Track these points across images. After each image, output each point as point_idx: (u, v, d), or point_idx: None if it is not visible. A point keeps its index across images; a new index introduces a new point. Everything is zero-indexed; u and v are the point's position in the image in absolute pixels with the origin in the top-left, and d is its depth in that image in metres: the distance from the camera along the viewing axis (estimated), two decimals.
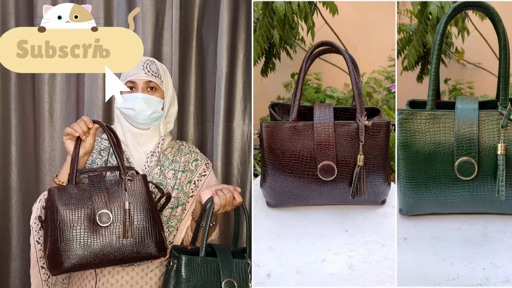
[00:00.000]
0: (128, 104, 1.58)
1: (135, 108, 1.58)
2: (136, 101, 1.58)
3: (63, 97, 2.00)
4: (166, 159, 1.66)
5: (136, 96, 1.58)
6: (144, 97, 1.59)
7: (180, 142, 1.75)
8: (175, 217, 1.63)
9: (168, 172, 1.65)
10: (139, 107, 1.58)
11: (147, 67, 1.61)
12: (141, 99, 1.58)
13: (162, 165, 1.65)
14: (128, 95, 1.59)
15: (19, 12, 1.98)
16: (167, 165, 1.65)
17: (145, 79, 1.59)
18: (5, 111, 1.98)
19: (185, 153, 1.71)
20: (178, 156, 1.69)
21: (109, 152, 1.63)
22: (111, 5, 2.00)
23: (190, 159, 1.71)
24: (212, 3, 2.04)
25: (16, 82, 1.97)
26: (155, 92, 1.62)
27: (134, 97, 1.58)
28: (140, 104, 1.58)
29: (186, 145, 1.75)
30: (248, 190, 2.03)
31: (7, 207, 2.00)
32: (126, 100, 1.59)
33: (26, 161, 2.02)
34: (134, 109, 1.58)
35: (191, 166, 1.70)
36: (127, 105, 1.58)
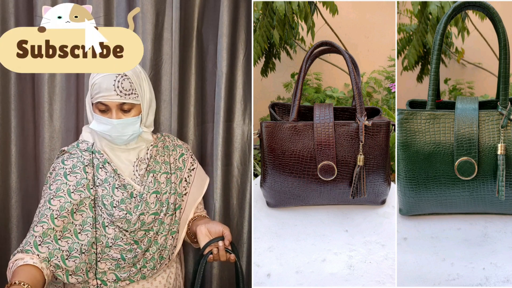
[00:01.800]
0: (103, 129, 1.50)
1: (111, 135, 1.50)
2: (111, 127, 1.49)
3: (63, 97, 2.00)
4: (156, 163, 1.60)
5: (111, 122, 1.48)
6: (119, 123, 1.48)
7: (162, 137, 1.67)
8: (175, 221, 1.61)
9: (161, 177, 1.59)
10: (115, 133, 1.50)
11: (119, 87, 1.47)
12: (116, 126, 1.49)
13: (154, 171, 1.58)
14: (101, 118, 1.49)
15: (19, 12, 1.98)
16: (158, 170, 1.59)
17: (117, 102, 1.48)
18: (5, 111, 1.97)
19: (171, 150, 1.66)
20: (166, 155, 1.63)
21: (93, 166, 1.54)
22: (111, 5, 1.99)
23: (177, 156, 1.66)
24: (212, 3, 2.04)
25: (16, 82, 1.97)
26: (129, 113, 1.51)
27: (109, 123, 1.49)
28: (116, 131, 1.49)
29: (169, 140, 1.68)
30: (248, 190, 2.03)
31: (7, 207, 1.99)
32: (100, 123, 1.50)
33: (26, 161, 2.02)
34: (110, 135, 1.50)
35: (179, 163, 1.65)
36: (101, 129, 1.50)
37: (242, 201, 2.04)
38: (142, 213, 1.53)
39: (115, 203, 1.51)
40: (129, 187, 1.53)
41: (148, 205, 1.54)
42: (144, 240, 1.54)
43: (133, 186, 1.54)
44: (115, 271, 1.52)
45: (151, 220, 1.54)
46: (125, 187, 1.53)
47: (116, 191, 1.52)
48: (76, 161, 1.54)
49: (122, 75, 1.49)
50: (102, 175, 1.53)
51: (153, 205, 1.55)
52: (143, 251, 1.54)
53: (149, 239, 1.54)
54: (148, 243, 1.55)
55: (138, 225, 1.53)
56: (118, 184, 1.53)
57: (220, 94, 1.97)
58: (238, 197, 2.04)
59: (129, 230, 1.52)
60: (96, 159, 1.54)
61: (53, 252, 1.42)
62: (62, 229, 1.47)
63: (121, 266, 1.52)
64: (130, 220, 1.51)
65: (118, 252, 1.51)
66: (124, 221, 1.51)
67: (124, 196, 1.52)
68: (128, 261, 1.52)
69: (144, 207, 1.53)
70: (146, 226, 1.54)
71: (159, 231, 1.57)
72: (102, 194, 1.51)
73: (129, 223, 1.51)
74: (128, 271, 1.53)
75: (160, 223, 1.56)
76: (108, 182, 1.52)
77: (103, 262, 1.50)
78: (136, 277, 1.54)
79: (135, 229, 1.52)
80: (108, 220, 1.50)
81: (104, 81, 1.48)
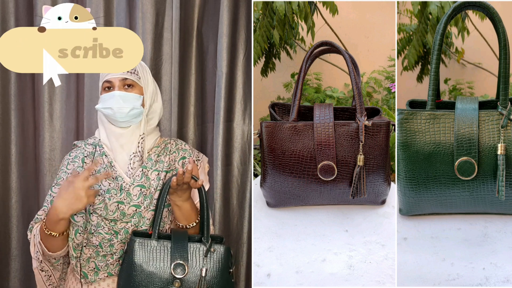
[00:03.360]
0: (106, 104, 1.56)
1: (112, 107, 1.55)
2: (113, 99, 1.55)
3: (63, 97, 2.00)
4: (149, 159, 1.62)
5: (113, 95, 1.55)
6: (121, 95, 1.56)
7: (168, 140, 1.70)
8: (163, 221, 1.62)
9: (151, 173, 1.61)
10: (116, 105, 1.55)
11: None
12: (118, 97, 1.55)
13: (145, 167, 1.61)
14: (105, 95, 1.57)
15: (19, 12, 1.98)
16: (150, 166, 1.62)
17: (120, 77, 1.56)
18: (5, 111, 1.97)
19: (171, 152, 1.67)
20: (163, 155, 1.65)
21: (92, 159, 1.61)
22: (111, 5, 1.99)
23: (177, 158, 1.67)
24: (212, 3, 2.04)
25: (16, 82, 1.97)
26: (132, 89, 1.58)
27: (111, 96, 1.56)
28: (117, 102, 1.55)
29: (173, 143, 1.70)
30: (248, 190, 2.03)
31: (7, 207, 1.99)
32: (103, 100, 1.57)
33: (26, 161, 2.02)
34: (112, 108, 1.55)
35: (177, 164, 1.66)
36: (105, 105, 1.56)
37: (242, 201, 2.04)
38: (121, 201, 1.56)
39: (100, 192, 1.56)
40: (120, 179, 1.58)
41: (130, 196, 1.56)
42: (122, 231, 1.56)
43: (124, 178, 1.58)
44: (95, 260, 1.57)
45: (131, 212, 1.57)
46: (116, 179, 1.58)
47: (104, 181, 1.57)
48: (78, 152, 1.64)
49: None
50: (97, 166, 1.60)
51: (136, 197, 1.57)
52: (121, 241, 1.56)
53: (126, 230, 1.56)
54: (125, 234, 1.56)
55: (118, 215, 1.55)
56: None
57: (220, 94, 1.97)
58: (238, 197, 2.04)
59: (108, 218, 1.55)
60: (97, 152, 1.62)
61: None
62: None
63: (100, 254, 1.56)
64: (107, 205, 1.55)
65: (98, 239, 1.56)
66: (102, 206, 1.55)
67: (111, 186, 1.57)
68: (106, 249, 1.55)
69: (124, 196, 1.56)
70: (127, 218, 1.57)
71: (139, 225, 1.57)
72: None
73: (107, 210, 1.55)
74: (106, 260, 1.56)
75: (140, 216, 1.57)
76: (100, 173, 1.58)
77: (88, 248, 1.57)
78: (115, 269, 1.56)
79: (115, 218, 1.55)
80: (92, 207, 1.56)
81: None
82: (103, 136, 1.62)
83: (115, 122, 1.58)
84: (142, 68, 1.62)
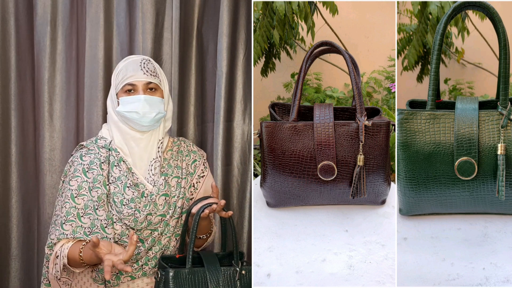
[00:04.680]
0: (130, 108, 1.52)
1: (139, 111, 1.51)
2: (139, 103, 1.52)
3: (63, 97, 2.00)
4: (169, 166, 1.61)
5: (138, 99, 1.52)
6: (147, 99, 1.52)
7: (178, 142, 1.69)
8: (181, 225, 1.62)
9: (172, 180, 1.61)
10: (142, 109, 1.52)
11: (145, 67, 1.55)
12: (144, 101, 1.52)
13: (166, 174, 1.59)
14: (128, 98, 1.53)
15: (19, 12, 1.98)
16: (170, 173, 1.61)
17: (145, 81, 1.53)
18: (5, 111, 1.97)
19: (185, 155, 1.67)
20: (179, 160, 1.64)
21: (109, 163, 1.57)
22: (111, 5, 1.99)
23: (189, 161, 1.67)
24: (212, 3, 2.04)
25: (16, 82, 1.97)
26: (155, 92, 1.56)
27: (136, 100, 1.52)
28: (144, 107, 1.52)
29: (184, 145, 1.69)
30: (248, 190, 2.03)
31: (7, 207, 1.99)
32: (126, 103, 1.53)
33: (26, 161, 2.02)
34: (138, 112, 1.52)
35: (191, 168, 1.67)
36: (129, 108, 1.52)
37: (242, 201, 2.04)
38: (149, 213, 1.55)
39: (125, 201, 1.53)
40: (142, 186, 1.56)
41: (156, 206, 1.56)
42: (149, 240, 1.56)
43: (146, 185, 1.57)
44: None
45: (157, 221, 1.57)
46: (137, 186, 1.56)
47: (127, 189, 1.54)
48: (93, 157, 1.57)
49: (146, 58, 1.59)
50: (116, 173, 1.56)
51: (161, 207, 1.57)
52: (146, 249, 1.56)
53: (153, 239, 1.57)
54: (152, 243, 1.57)
55: (145, 224, 1.55)
56: (130, 183, 1.55)
57: (220, 94, 1.97)
58: (238, 197, 2.04)
59: (135, 228, 1.54)
60: (112, 157, 1.57)
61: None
62: (90, 225, 1.51)
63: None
64: (138, 218, 1.53)
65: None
66: (132, 219, 1.53)
67: (134, 195, 1.54)
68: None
69: (152, 207, 1.55)
70: (153, 226, 1.57)
71: (164, 232, 1.59)
72: (113, 192, 1.54)
73: (136, 222, 1.54)
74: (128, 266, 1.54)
75: (166, 225, 1.59)
76: (121, 180, 1.55)
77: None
78: (138, 274, 1.56)
79: (142, 227, 1.55)
80: (116, 216, 1.53)
81: (129, 65, 1.56)
82: (117, 139, 1.58)
83: (137, 126, 1.55)
84: (160, 71, 1.60)
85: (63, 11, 1.98)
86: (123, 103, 1.54)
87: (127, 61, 1.58)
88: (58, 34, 1.98)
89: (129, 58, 1.59)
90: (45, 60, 1.98)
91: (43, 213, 2.00)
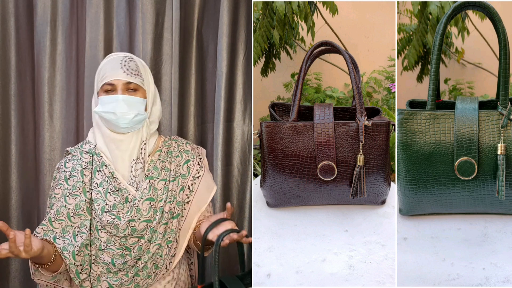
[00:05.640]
0: (107, 108, 1.45)
1: (116, 112, 1.44)
2: (116, 103, 1.44)
3: (63, 97, 2.00)
4: (155, 169, 1.53)
5: (116, 98, 1.44)
6: (125, 99, 1.45)
7: (169, 141, 1.61)
8: (172, 230, 1.54)
9: (158, 183, 1.52)
10: (120, 110, 1.44)
11: (125, 65, 1.47)
12: (122, 101, 1.44)
13: (151, 177, 1.52)
14: (106, 97, 1.46)
15: (19, 12, 1.98)
16: (156, 176, 1.52)
17: (124, 80, 1.45)
18: (5, 111, 1.97)
19: (175, 156, 1.58)
20: (167, 162, 1.56)
21: (92, 169, 1.51)
22: (111, 5, 1.99)
23: (181, 162, 1.59)
24: (212, 3, 2.04)
25: (16, 82, 1.97)
26: (136, 92, 1.48)
27: (114, 100, 1.44)
28: (122, 107, 1.44)
29: (175, 144, 1.61)
30: (248, 190, 2.03)
31: (7, 208, 2.00)
32: (104, 103, 1.45)
33: (26, 161, 2.02)
34: (115, 113, 1.44)
35: (182, 170, 1.58)
36: (106, 108, 1.45)
37: (242, 201, 2.04)
38: (132, 219, 1.48)
39: (106, 207, 1.49)
40: (125, 190, 1.50)
41: (139, 211, 1.49)
42: (135, 248, 1.50)
43: (129, 190, 1.50)
44: (107, 278, 1.49)
45: (142, 228, 1.50)
46: (120, 191, 1.50)
47: (109, 195, 1.49)
48: (75, 164, 1.53)
49: (128, 56, 1.51)
50: (98, 179, 1.51)
51: (146, 212, 1.49)
52: (134, 258, 1.50)
53: (139, 247, 1.50)
54: (139, 251, 1.50)
55: (129, 231, 1.49)
56: (112, 188, 1.50)
57: (220, 94, 1.97)
58: (238, 197, 2.04)
59: (119, 236, 1.48)
60: (95, 162, 1.52)
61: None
62: (61, 231, 1.49)
63: (112, 271, 1.49)
64: (118, 225, 1.47)
65: (110, 256, 1.49)
66: (112, 226, 1.48)
67: (116, 201, 1.49)
68: (118, 266, 1.49)
69: (134, 213, 1.48)
70: (138, 234, 1.50)
71: (152, 240, 1.52)
72: (95, 198, 1.49)
73: (118, 229, 1.48)
74: (119, 278, 1.50)
75: (153, 232, 1.51)
76: (103, 186, 1.50)
77: (96, 265, 1.49)
78: (130, 286, 1.51)
79: (125, 235, 1.49)
80: (100, 224, 1.49)
81: (109, 63, 1.49)
82: (99, 142, 1.52)
83: (115, 127, 1.48)
84: (144, 69, 1.53)
85: (63, 11, 1.98)
86: (102, 102, 1.47)
87: (108, 58, 1.51)
88: (58, 34, 1.98)
89: (110, 56, 1.52)
90: (45, 60, 1.98)
91: (43, 213, 2.00)
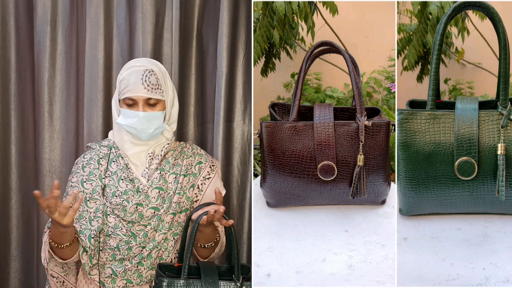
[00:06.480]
0: (129, 122, 1.55)
1: (137, 128, 1.55)
2: (137, 119, 1.54)
3: (63, 97, 2.00)
4: (166, 162, 1.62)
5: (137, 115, 1.54)
6: (145, 116, 1.54)
7: (184, 144, 1.71)
8: (179, 224, 1.62)
9: (169, 176, 1.61)
10: (141, 126, 1.55)
11: (146, 81, 1.55)
12: (143, 118, 1.54)
13: (162, 169, 1.61)
14: (128, 111, 1.55)
15: (19, 12, 1.98)
16: (167, 169, 1.62)
17: (145, 97, 1.54)
18: (5, 111, 1.97)
19: (187, 156, 1.67)
20: (179, 159, 1.65)
21: (108, 160, 1.61)
22: (111, 5, 1.99)
23: (193, 162, 1.67)
24: (212, 3, 2.04)
25: (16, 82, 1.97)
26: (156, 107, 1.57)
27: (135, 115, 1.54)
28: (142, 124, 1.54)
29: (189, 147, 1.70)
30: (248, 190, 2.03)
31: (7, 208, 1.99)
32: (126, 116, 1.56)
33: (25, 162, 2.01)
34: (136, 128, 1.55)
35: (194, 169, 1.66)
36: (128, 122, 1.55)
37: (242, 201, 2.04)
38: (140, 203, 1.55)
39: (117, 193, 1.56)
40: (137, 181, 1.58)
41: (148, 198, 1.56)
42: (140, 234, 1.56)
43: (140, 180, 1.58)
44: (112, 265, 1.55)
45: (150, 215, 1.57)
46: (132, 181, 1.58)
47: (121, 182, 1.57)
48: (94, 154, 1.63)
49: (149, 70, 1.56)
50: (113, 168, 1.59)
51: (154, 200, 1.57)
52: (139, 245, 1.55)
53: (145, 233, 1.56)
54: (144, 237, 1.56)
55: (136, 216, 1.55)
56: (125, 176, 1.58)
57: (220, 94, 1.97)
58: (238, 197, 2.04)
59: (126, 220, 1.55)
60: (112, 154, 1.62)
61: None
62: (78, 216, 1.55)
63: (117, 258, 1.55)
64: (126, 207, 1.54)
65: (116, 241, 1.55)
66: (120, 208, 1.55)
67: (128, 188, 1.57)
68: (123, 252, 1.55)
69: (143, 198, 1.56)
70: (145, 221, 1.57)
71: (158, 229, 1.58)
72: (107, 184, 1.57)
73: (125, 211, 1.54)
74: (123, 265, 1.55)
75: (159, 219, 1.57)
76: (117, 174, 1.58)
77: (103, 252, 1.55)
78: (133, 276, 1.55)
79: (132, 219, 1.55)
80: (109, 208, 1.56)
81: (132, 76, 1.55)
82: (118, 139, 1.62)
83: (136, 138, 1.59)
84: (164, 78, 1.59)
85: (63, 11, 1.98)
86: (124, 115, 1.57)
87: (131, 70, 1.57)
88: (58, 34, 1.98)
89: (133, 67, 1.58)
90: (45, 60, 1.98)
91: (43, 214, 2.00)
